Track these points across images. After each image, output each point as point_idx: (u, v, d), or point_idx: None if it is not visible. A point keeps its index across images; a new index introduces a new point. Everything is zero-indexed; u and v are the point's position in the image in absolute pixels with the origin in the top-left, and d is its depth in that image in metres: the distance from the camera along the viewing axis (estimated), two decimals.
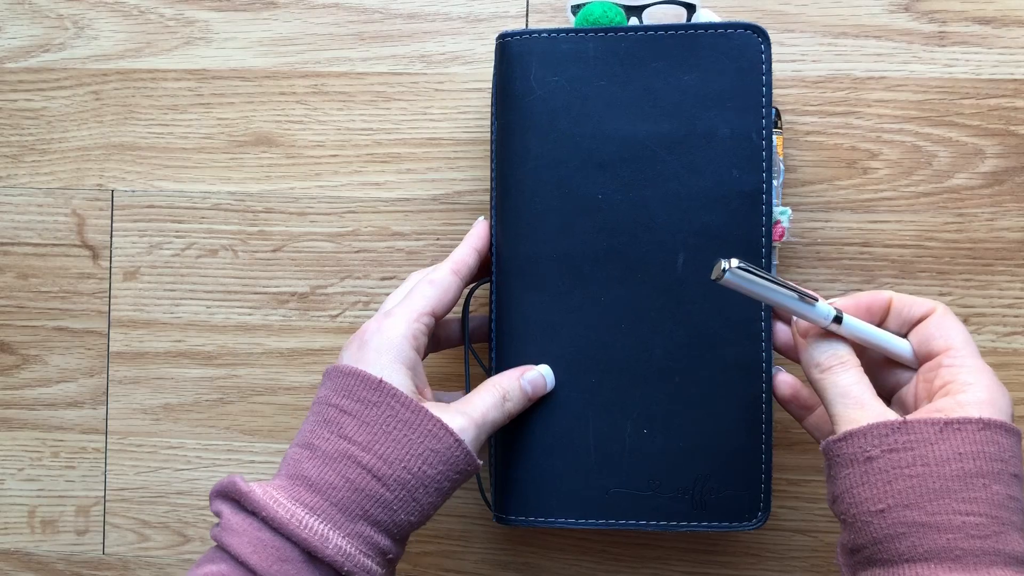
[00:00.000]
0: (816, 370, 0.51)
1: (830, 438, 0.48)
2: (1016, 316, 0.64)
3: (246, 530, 0.48)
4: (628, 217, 0.57)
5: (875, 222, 0.65)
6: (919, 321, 0.51)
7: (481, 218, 0.60)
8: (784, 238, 0.58)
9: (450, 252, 0.58)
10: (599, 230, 0.57)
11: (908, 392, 0.52)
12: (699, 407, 0.57)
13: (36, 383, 0.72)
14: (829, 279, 0.65)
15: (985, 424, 0.45)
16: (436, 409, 0.52)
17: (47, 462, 0.72)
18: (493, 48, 0.66)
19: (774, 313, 0.56)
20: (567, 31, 0.58)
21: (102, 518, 0.71)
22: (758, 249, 0.56)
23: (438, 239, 0.68)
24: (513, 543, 0.68)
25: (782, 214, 0.58)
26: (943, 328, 0.50)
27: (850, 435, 0.47)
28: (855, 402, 0.48)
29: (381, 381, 0.52)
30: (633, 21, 0.60)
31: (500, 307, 0.59)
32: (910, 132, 0.64)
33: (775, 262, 0.59)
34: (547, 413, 0.58)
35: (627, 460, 0.57)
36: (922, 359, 0.51)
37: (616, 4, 0.60)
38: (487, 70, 0.67)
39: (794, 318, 0.52)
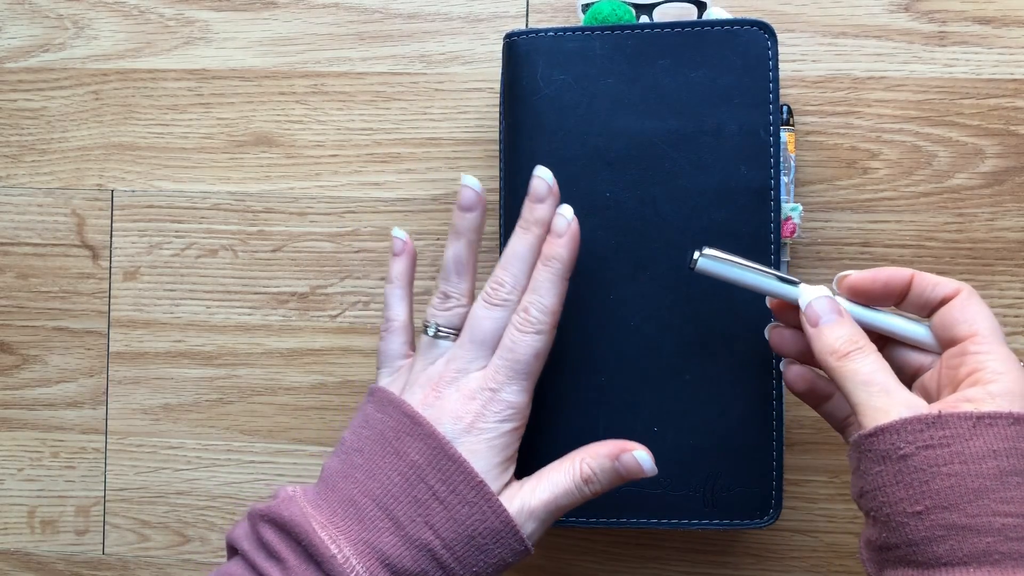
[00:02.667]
0: (832, 357, 0.45)
1: (861, 432, 0.43)
2: (1016, 316, 0.61)
3: None
4: (636, 215, 0.54)
5: (875, 222, 0.61)
6: (942, 303, 0.46)
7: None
8: (796, 235, 0.55)
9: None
10: (607, 228, 0.54)
11: (931, 378, 0.47)
12: (709, 405, 0.54)
13: (36, 383, 0.68)
14: (829, 279, 0.61)
15: (1017, 419, 0.41)
16: (514, 510, 0.48)
17: (47, 462, 0.68)
18: (493, 48, 0.64)
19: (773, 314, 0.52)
20: (574, 30, 0.55)
21: (102, 518, 0.68)
22: (766, 246, 0.53)
23: (438, 239, 0.64)
24: None
25: (793, 211, 0.55)
26: (968, 312, 0.45)
27: (882, 431, 0.42)
28: (880, 389, 0.43)
29: (483, 485, 0.47)
30: (643, 19, 0.57)
31: None
32: (910, 132, 0.61)
33: (785, 259, 0.57)
34: (557, 413, 0.55)
35: None
36: (945, 344, 0.46)
37: (625, 2, 0.57)
38: (487, 70, 0.64)
39: (801, 306, 0.48)
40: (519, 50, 0.56)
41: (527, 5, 0.64)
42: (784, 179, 0.55)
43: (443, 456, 0.47)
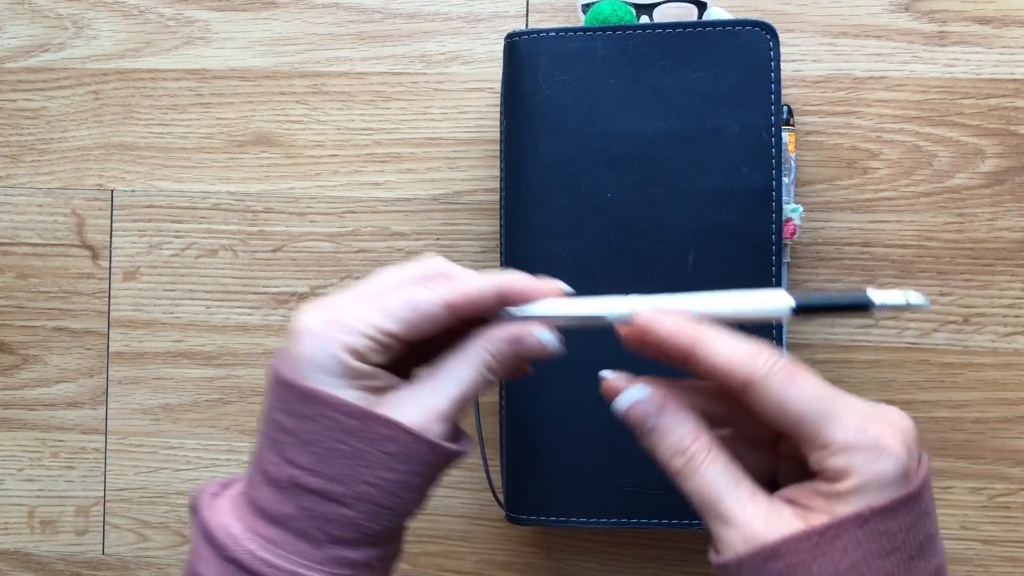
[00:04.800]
0: (671, 473, 0.40)
1: (710, 557, 0.40)
2: (1016, 316, 0.60)
3: (214, 560, 0.42)
4: (637, 215, 0.54)
5: (875, 222, 0.61)
6: (739, 392, 0.39)
7: (522, 275, 0.44)
8: (796, 236, 0.55)
9: (450, 253, 0.53)
10: (609, 229, 0.54)
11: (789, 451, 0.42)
12: None
13: (36, 383, 0.68)
14: (829, 279, 0.61)
15: (866, 518, 0.36)
16: (391, 405, 0.42)
17: (47, 462, 0.68)
18: (493, 48, 0.63)
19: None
20: (575, 30, 0.55)
21: (102, 518, 0.67)
22: (768, 247, 0.53)
23: (438, 239, 0.64)
24: (514, 543, 0.64)
25: (793, 212, 0.55)
26: (774, 407, 0.38)
27: (723, 567, 0.38)
28: (716, 515, 0.38)
29: (314, 392, 0.41)
30: (644, 19, 0.57)
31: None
32: (910, 132, 0.61)
33: (786, 259, 0.56)
34: (559, 413, 0.55)
35: (638, 459, 0.53)
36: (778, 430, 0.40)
37: (626, 2, 0.56)
38: (487, 70, 0.63)
39: (619, 412, 0.42)
40: (520, 50, 0.56)
41: (527, 5, 0.64)
42: (785, 180, 0.55)
43: (276, 384, 0.43)
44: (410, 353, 0.45)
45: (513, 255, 0.56)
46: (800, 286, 0.61)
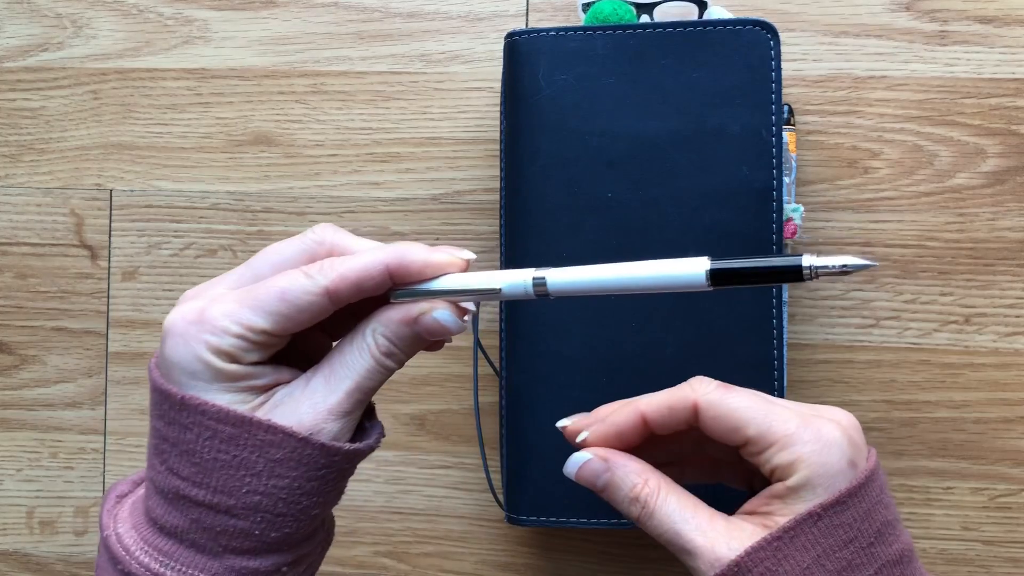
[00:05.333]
0: (634, 521, 0.41)
1: None
2: (1017, 316, 0.60)
3: (113, 572, 0.39)
4: (638, 215, 0.54)
5: (876, 222, 0.61)
6: (690, 420, 0.41)
7: (416, 246, 0.39)
8: (797, 236, 0.55)
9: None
10: (609, 228, 0.54)
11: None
12: None
13: (34, 383, 0.68)
14: (830, 279, 0.61)
15: (819, 515, 0.37)
16: (276, 405, 0.39)
17: (46, 463, 0.68)
18: (493, 47, 0.63)
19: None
20: (575, 29, 0.55)
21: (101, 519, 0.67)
22: (768, 247, 0.53)
23: (438, 239, 0.64)
24: (513, 544, 0.64)
25: (794, 211, 0.54)
26: (719, 420, 0.40)
27: None
28: (680, 549, 0.39)
29: (183, 399, 0.38)
30: (644, 18, 0.57)
31: (510, 307, 0.56)
32: (911, 131, 0.61)
33: None
34: (559, 413, 0.54)
35: None
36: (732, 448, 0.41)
37: (626, 2, 0.56)
38: (487, 69, 0.63)
39: (571, 475, 0.43)
40: (520, 50, 0.55)
41: (527, 4, 0.63)
42: (785, 179, 0.55)
43: (152, 390, 0.39)
44: (315, 329, 0.41)
45: (513, 255, 0.56)
46: (801, 286, 0.60)
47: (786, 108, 0.57)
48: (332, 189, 0.65)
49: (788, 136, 0.56)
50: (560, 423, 0.45)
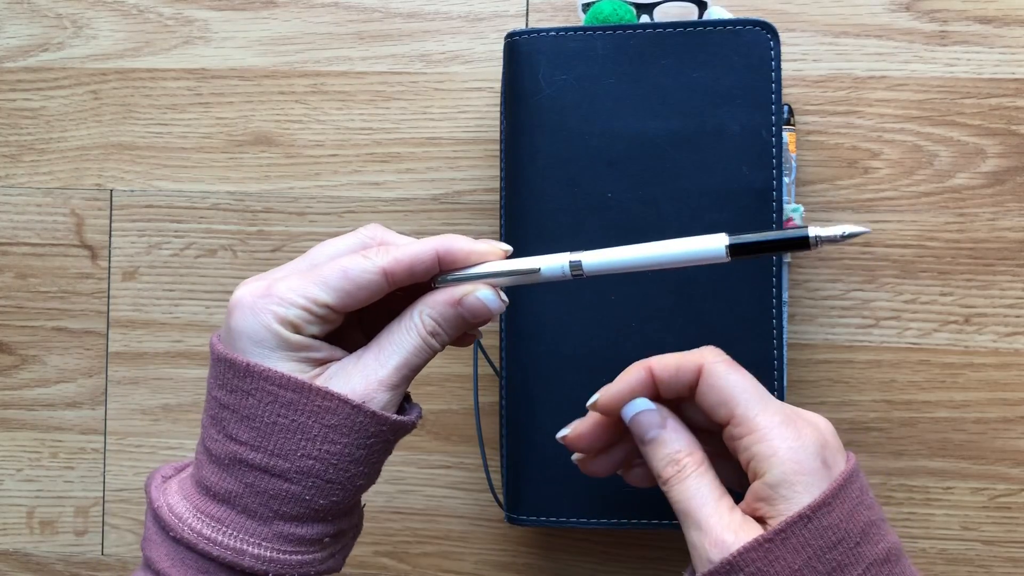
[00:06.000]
0: (660, 482, 0.43)
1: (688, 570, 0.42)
2: (1017, 316, 0.60)
3: (163, 542, 0.42)
4: (638, 215, 0.54)
5: (876, 222, 0.61)
6: (693, 384, 0.43)
7: (460, 239, 0.43)
8: None
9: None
10: (609, 228, 0.54)
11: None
12: None
13: (35, 383, 0.68)
14: (830, 279, 0.61)
15: (808, 516, 0.38)
16: (331, 376, 0.42)
17: (46, 463, 0.68)
18: (493, 47, 0.63)
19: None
20: (575, 29, 0.55)
21: (101, 519, 0.67)
22: None
23: None
24: (513, 544, 0.64)
25: (794, 212, 0.55)
26: (716, 391, 0.42)
27: None
28: (694, 523, 0.40)
29: (249, 366, 0.41)
30: (644, 19, 0.57)
31: (509, 307, 0.55)
32: (911, 132, 0.61)
33: (787, 259, 0.56)
34: (559, 412, 0.54)
35: None
36: (717, 425, 0.43)
37: (626, 2, 0.56)
38: (487, 69, 0.63)
39: (626, 420, 0.44)
40: (520, 50, 0.55)
41: (527, 4, 0.63)
42: (785, 179, 0.55)
43: (214, 360, 0.43)
44: (356, 325, 0.46)
45: (513, 255, 0.56)
46: (801, 286, 0.60)
47: (786, 108, 0.57)
48: (332, 189, 0.65)
49: (788, 136, 0.56)
50: (560, 434, 0.47)
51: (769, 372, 0.53)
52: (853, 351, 0.61)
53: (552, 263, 0.42)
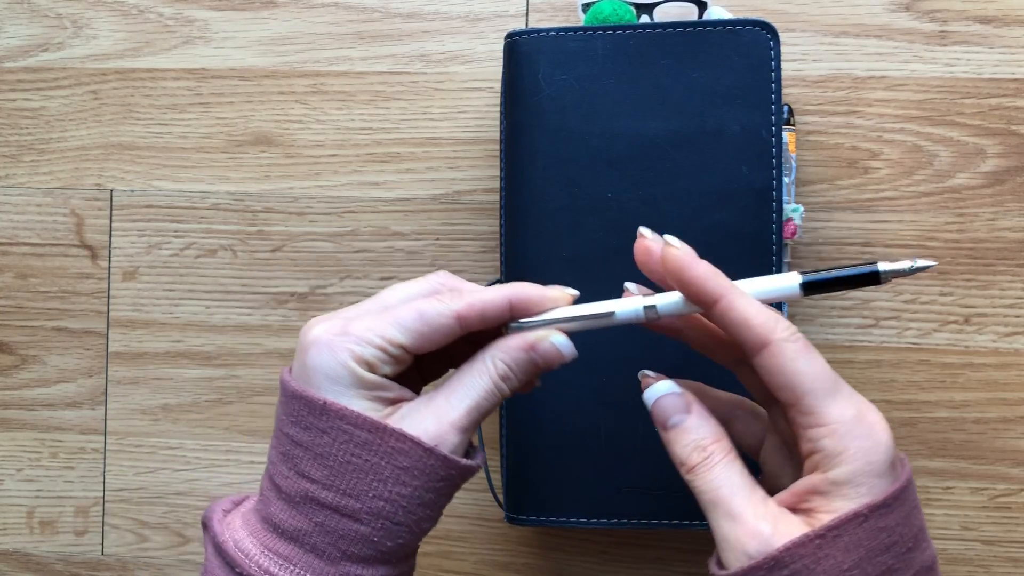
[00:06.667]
0: (683, 471, 0.41)
1: (712, 570, 0.40)
2: (1017, 316, 0.60)
3: None
4: (638, 215, 0.53)
5: (876, 222, 0.61)
6: (753, 351, 0.40)
7: (553, 289, 0.44)
8: (797, 236, 0.55)
9: (450, 253, 0.53)
10: (609, 228, 0.54)
11: (778, 437, 0.44)
12: None
13: (35, 383, 0.68)
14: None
15: (865, 516, 0.37)
16: (404, 417, 0.42)
17: (46, 463, 0.68)
18: (493, 47, 0.63)
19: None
20: (575, 29, 0.55)
21: (101, 519, 0.67)
22: (768, 247, 0.53)
23: (438, 239, 0.64)
24: (513, 543, 0.64)
25: (794, 212, 0.54)
26: (783, 374, 0.39)
27: None
28: (725, 513, 0.39)
29: (325, 404, 0.41)
30: (644, 19, 0.57)
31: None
32: (911, 132, 0.61)
33: (787, 260, 0.56)
34: (559, 412, 0.55)
35: (638, 459, 0.54)
36: (773, 401, 0.42)
37: (626, 2, 0.56)
38: (487, 69, 0.63)
39: (648, 405, 0.43)
40: (520, 50, 0.55)
41: (527, 4, 0.63)
42: (785, 179, 0.55)
43: (287, 397, 0.42)
44: (417, 371, 0.46)
45: (513, 255, 0.56)
46: None
47: (786, 108, 0.57)
48: (332, 189, 0.65)
49: (788, 136, 0.56)
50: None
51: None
52: (853, 351, 0.61)
53: (627, 307, 0.43)
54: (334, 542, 0.40)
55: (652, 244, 0.43)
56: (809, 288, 0.41)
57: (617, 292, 0.54)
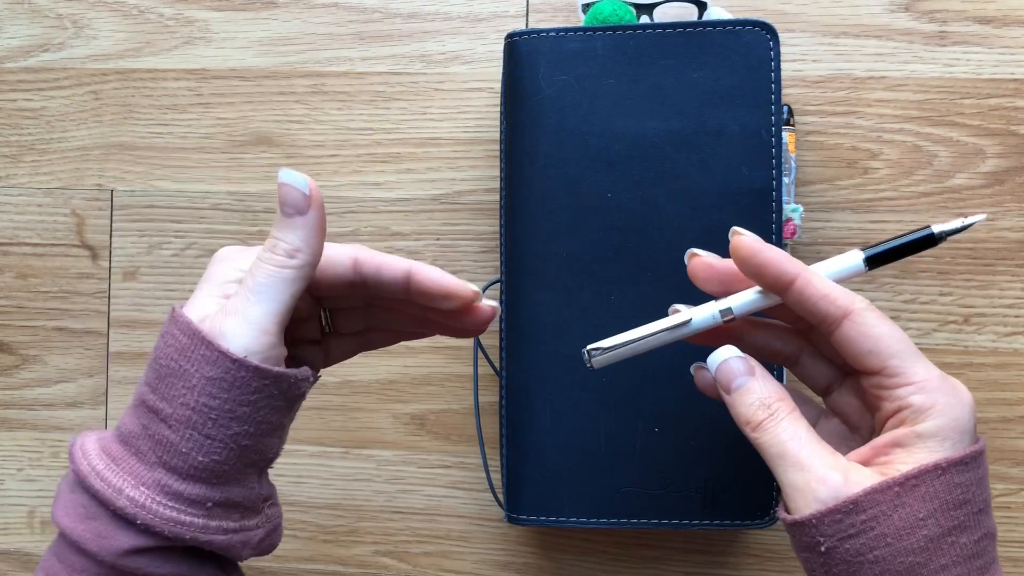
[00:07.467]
0: (748, 429, 0.42)
1: (782, 517, 0.40)
2: (1017, 316, 0.60)
3: (63, 492, 0.41)
4: (638, 215, 0.54)
5: (876, 222, 0.61)
6: (835, 323, 0.41)
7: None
8: (797, 236, 0.55)
9: (450, 253, 0.52)
10: (609, 228, 0.54)
11: (851, 400, 0.44)
12: (710, 405, 0.53)
13: (35, 383, 0.68)
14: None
15: (944, 469, 0.38)
16: (221, 322, 0.40)
17: (46, 462, 0.68)
18: (493, 48, 0.63)
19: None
20: (575, 30, 0.55)
21: None
22: None
23: (438, 239, 0.64)
24: (513, 543, 0.64)
25: (793, 211, 0.55)
26: (869, 339, 0.40)
27: (799, 524, 0.39)
28: (794, 463, 0.39)
29: (173, 309, 0.40)
30: (644, 19, 0.57)
31: (510, 306, 0.56)
32: (911, 132, 0.61)
33: None
34: (559, 412, 0.55)
35: (638, 459, 0.54)
36: (852, 369, 0.42)
37: (626, 2, 0.56)
38: (487, 70, 0.63)
39: (711, 370, 0.44)
40: (520, 50, 0.55)
41: (527, 5, 0.63)
42: (785, 179, 0.55)
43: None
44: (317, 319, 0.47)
45: (513, 255, 0.56)
46: None
47: (786, 108, 0.57)
48: (333, 189, 0.65)
49: (788, 136, 0.56)
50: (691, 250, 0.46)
51: (769, 370, 0.53)
52: None
53: (703, 313, 0.44)
54: (152, 447, 0.40)
55: (708, 258, 0.45)
56: (872, 262, 0.43)
57: (617, 291, 0.54)
